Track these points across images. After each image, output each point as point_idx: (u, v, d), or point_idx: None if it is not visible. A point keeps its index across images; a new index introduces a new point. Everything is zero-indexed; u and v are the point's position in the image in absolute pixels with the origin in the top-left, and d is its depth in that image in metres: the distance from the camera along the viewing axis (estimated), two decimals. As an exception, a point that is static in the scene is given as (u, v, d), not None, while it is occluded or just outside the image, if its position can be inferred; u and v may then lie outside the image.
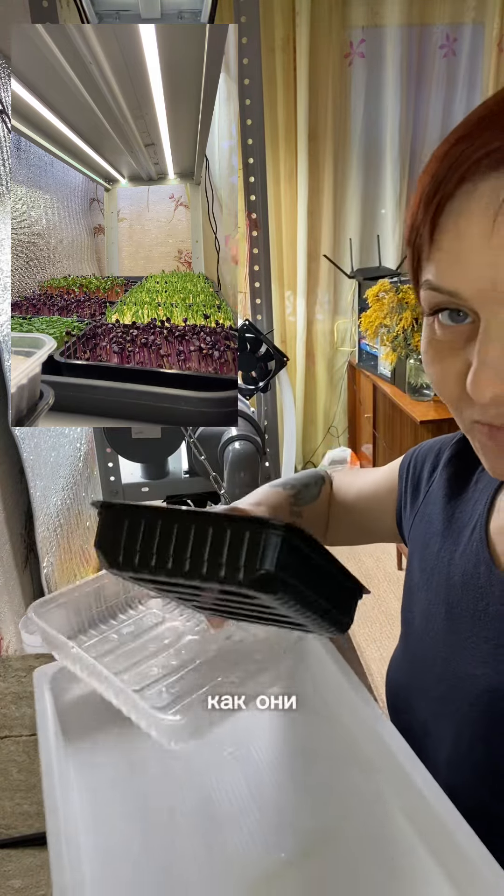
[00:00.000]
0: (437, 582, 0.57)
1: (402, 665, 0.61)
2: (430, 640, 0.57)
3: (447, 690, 0.53)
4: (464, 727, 0.51)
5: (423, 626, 0.59)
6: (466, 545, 0.55)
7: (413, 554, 0.63)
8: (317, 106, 3.10)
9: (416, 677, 0.58)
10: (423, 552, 0.61)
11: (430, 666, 0.56)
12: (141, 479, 1.44)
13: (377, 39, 3.07)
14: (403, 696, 0.60)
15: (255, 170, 1.24)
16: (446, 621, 0.55)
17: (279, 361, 1.29)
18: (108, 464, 1.40)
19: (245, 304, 1.37)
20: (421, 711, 0.56)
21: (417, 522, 0.63)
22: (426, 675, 0.57)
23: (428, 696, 0.56)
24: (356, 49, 3.08)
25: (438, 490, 0.61)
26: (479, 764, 0.50)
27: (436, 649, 0.56)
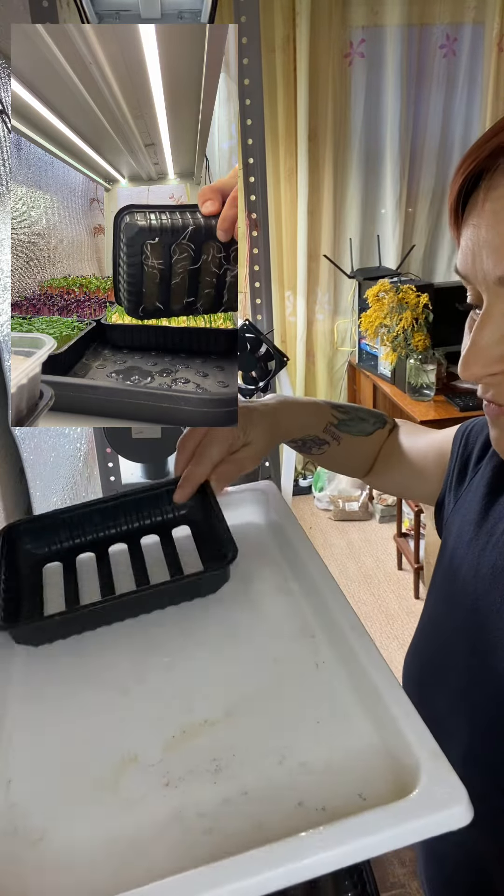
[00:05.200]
0: (464, 573, 0.57)
1: (420, 657, 0.61)
2: (453, 632, 0.56)
3: (468, 684, 0.53)
4: (481, 721, 0.51)
5: (445, 617, 0.58)
6: (500, 538, 0.55)
7: (446, 541, 0.63)
8: (317, 106, 3.10)
9: (435, 670, 0.58)
10: (456, 541, 0.60)
11: (451, 658, 0.56)
12: (141, 480, 1.44)
13: (377, 39, 3.07)
14: (419, 689, 0.59)
15: (255, 170, 1.24)
16: (471, 613, 0.54)
17: (279, 361, 1.29)
18: (108, 464, 1.40)
19: (245, 304, 1.37)
20: (438, 705, 0.56)
21: (458, 508, 0.63)
22: (446, 667, 0.56)
23: (447, 690, 0.55)
24: (356, 49, 3.08)
25: (481, 480, 0.61)
26: (494, 759, 0.50)
27: (456, 642, 0.55)
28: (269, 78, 3.01)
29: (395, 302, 2.76)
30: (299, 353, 3.49)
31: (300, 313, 3.43)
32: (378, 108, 3.20)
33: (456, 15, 3.07)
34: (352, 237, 3.36)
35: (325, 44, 3.00)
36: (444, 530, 0.65)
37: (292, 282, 3.41)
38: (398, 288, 2.76)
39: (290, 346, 3.50)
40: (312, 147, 3.16)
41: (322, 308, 3.49)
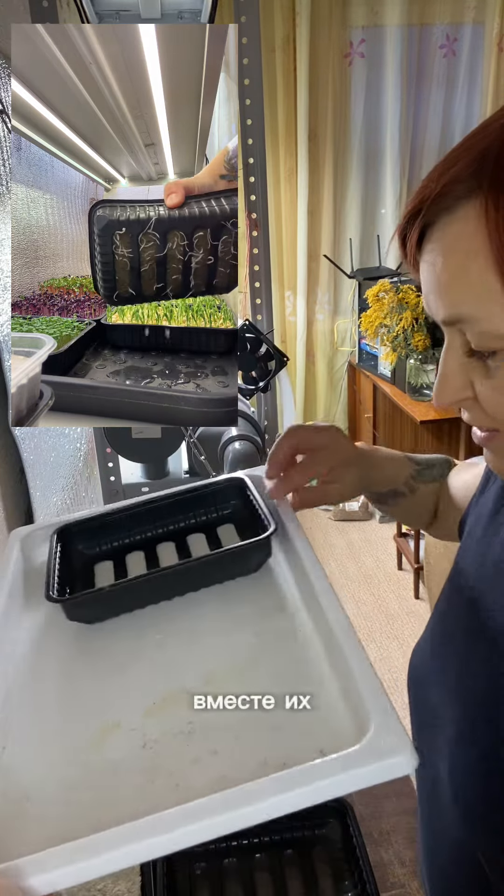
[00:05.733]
0: (469, 565, 0.58)
1: (425, 648, 0.62)
2: (453, 620, 0.58)
3: (463, 674, 0.54)
4: (471, 711, 0.52)
5: (447, 609, 0.60)
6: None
7: (463, 539, 0.64)
8: (317, 106, 3.10)
9: (435, 660, 0.59)
10: (467, 537, 0.62)
11: (448, 649, 0.57)
12: (141, 479, 1.44)
13: (377, 39, 3.07)
14: (422, 678, 0.61)
15: (255, 170, 1.24)
16: (470, 602, 0.56)
17: (279, 361, 1.29)
18: (108, 464, 1.40)
19: (245, 304, 1.37)
20: (436, 691, 0.57)
21: (474, 507, 0.64)
22: (444, 658, 0.58)
23: (443, 677, 0.57)
24: (356, 49, 3.08)
25: (497, 480, 0.61)
26: (482, 745, 0.50)
27: (456, 633, 0.57)
28: (269, 78, 3.01)
29: (395, 302, 2.76)
30: (299, 353, 3.49)
31: (300, 313, 3.43)
32: (378, 108, 3.20)
33: (456, 15, 3.07)
34: (352, 237, 3.36)
35: (325, 44, 3.00)
36: (461, 529, 0.65)
37: (292, 282, 3.41)
38: (398, 288, 2.76)
39: (290, 346, 3.50)
40: (312, 147, 3.16)
41: (322, 308, 3.49)
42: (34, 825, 0.38)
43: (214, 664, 0.48)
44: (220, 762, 0.40)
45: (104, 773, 0.41)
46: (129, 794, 0.39)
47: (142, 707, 0.45)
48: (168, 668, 0.49)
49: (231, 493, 0.66)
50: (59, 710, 0.47)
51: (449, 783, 0.52)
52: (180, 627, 0.53)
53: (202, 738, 0.42)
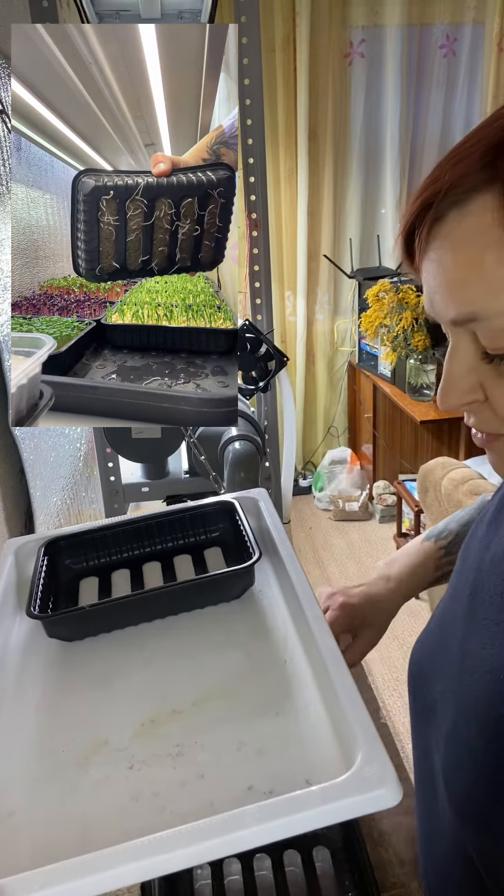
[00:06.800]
0: (469, 564, 0.59)
1: (425, 643, 0.63)
2: (451, 619, 0.58)
3: (459, 670, 0.54)
4: (464, 705, 0.52)
5: (447, 605, 0.60)
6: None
7: (466, 539, 0.64)
8: (317, 106, 3.09)
9: (434, 655, 0.60)
10: (471, 538, 0.62)
11: (446, 645, 0.58)
12: (141, 479, 1.44)
13: (377, 39, 3.07)
14: (421, 673, 0.61)
15: (255, 170, 1.24)
16: (468, 601, 0.56)
17: (279, 361, 1.29)
18: (108, 464, 1.40)
19: (245, 304, 1.37)
20: (434, 688, 0.58)
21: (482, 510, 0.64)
22: (443, 653, 0.58)
23: (441, 674, 0.57)
24: (356, 49, 3.08)
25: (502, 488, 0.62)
26: (473, 744, 0.50)
27: (454, 629, 0.57)
28: (269, 78, 3.00)
29: (395, 302, 2.76)
30: (299, 353, 3.49)
31: (300, 313, 3.43)
32: (378, 108, 3.20)
33: (456, 15, 3.07)
34: (352, 237, 3.36)
35: (325, 44, 3.00)
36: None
37: (292, 282, 3.41)
38: (398, 288, 2.76)
39: (290, 346, 3.50)
40: (312, 147, 3.15)
41: (322, 308, 3.49)
42: (19, 841, 0.38)
43: (203, 685, 0.48)
44: (208, 787, 0.40)
45: (90, 791, 0.41)
46: (115, 813, 0.39)
47: (129, 727, 0.45)
48: (154, 688, 0.49)
49: (220, 516, 0.66)
50: (47, 727, 0.47)
51: (442, 779, 0.52)
52: (165, 647, 0.53)
53: (189, 761, 0.42)
